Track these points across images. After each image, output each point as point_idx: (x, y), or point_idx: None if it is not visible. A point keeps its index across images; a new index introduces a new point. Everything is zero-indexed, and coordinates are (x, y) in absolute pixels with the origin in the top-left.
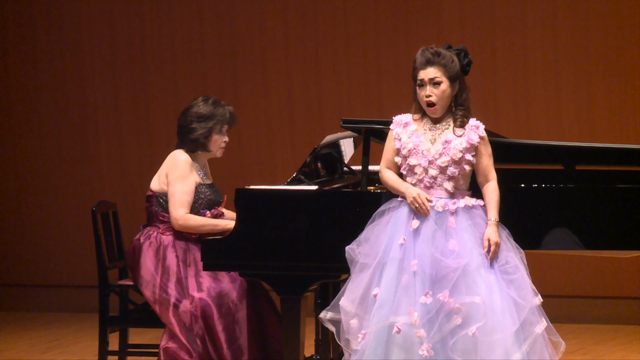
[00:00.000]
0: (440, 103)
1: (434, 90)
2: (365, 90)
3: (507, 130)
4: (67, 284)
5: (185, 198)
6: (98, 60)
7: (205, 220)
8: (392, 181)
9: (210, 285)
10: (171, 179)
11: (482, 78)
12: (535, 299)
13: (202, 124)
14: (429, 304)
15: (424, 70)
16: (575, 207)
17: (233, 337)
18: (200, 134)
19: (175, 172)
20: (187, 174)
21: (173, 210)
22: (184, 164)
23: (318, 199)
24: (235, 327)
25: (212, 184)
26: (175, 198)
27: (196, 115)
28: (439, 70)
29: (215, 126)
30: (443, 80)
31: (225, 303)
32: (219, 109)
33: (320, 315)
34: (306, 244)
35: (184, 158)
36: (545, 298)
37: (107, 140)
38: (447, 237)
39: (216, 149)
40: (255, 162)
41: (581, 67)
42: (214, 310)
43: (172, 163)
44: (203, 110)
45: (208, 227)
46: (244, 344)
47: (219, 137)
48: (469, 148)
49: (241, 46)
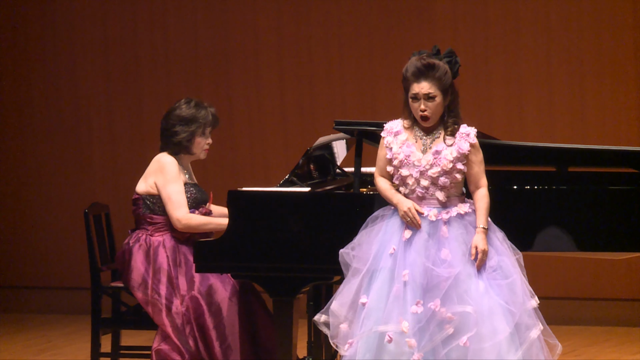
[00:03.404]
0: (435, 115)
1: (429, 104)
2: (359, 92)
3: (500, 132)
4: (60, 286)
5: (183, 198)
6: (91, 62)
7: (206, 219)
8: (386, 191)
9: (201, 283)
10: (163, 182)
11: (475, 79)
12: (532, 301)
13: (185, 127)
14: (420, 313)
15: (417, 84)
16: (568, 209)
17: (224, 335)
18: (183, 137)
19: (166, 175)
20: (177, 175)
21: (174, 211)
22: (172, 165)
23: (311, 201)
24: (226, 325)
25: (196, 184)
26: (173, 200)
27: (178, 118)
28: (433, 84)
29: (197, 129)
30: (437, 94)
31: (215, 301)
32: (202, 112)
33: (315, 318)
34: (299, 246)
35: (171, 160)
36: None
37: (100, 142)
38: (439, 246)
39: (199, 151)
40: (248, 163)
41: (574, 69)
42: (205, 307)
43: (160, 167)
44: (185, 113)
45: (211, 226)
46: (235, 342)
47: (202, 139)
48: (459, 157)
49: (234, 48)
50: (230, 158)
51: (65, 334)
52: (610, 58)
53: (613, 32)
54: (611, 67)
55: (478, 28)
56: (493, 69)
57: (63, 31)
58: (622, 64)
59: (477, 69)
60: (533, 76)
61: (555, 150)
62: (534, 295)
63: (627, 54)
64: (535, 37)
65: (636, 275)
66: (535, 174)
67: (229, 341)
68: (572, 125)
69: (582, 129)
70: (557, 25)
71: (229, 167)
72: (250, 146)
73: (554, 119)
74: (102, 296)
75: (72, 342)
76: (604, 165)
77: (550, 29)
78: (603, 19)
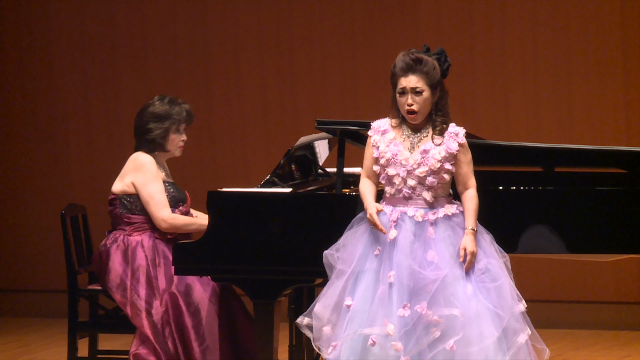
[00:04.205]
0: (422, 111)
1: (416, 98)
2: (341, 90)
3: (485, 132)
4: (36, 289)
5: (164, 197)
6: (68, 60)
7: (191, 220)
8: (361, 194)
9: (180, 282)
10: (143, 182)
11: (460, 78)
12: (519, 305)
13: (159, 124)
14: (407, 316)
15: (405, 78)
16: (555, 210)
17: (203, 336)
18: (157, 134)
19: (145, 173)
20: (156, 174)
21: (157, 211)
22: (151, 164)
23: (292, 201)
24: (205, 326)
25: (173, 182)
26: (155, 200)
27: (152, 115)
28: (420, 78)
29: (171, 126)
30: (425, 89)
31: (193, 300)
32: (175, 108)
33: (297, 321)
34: (280, 248)
35: (149, 159)
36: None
37: (76, 141)
38: (425, 247)
39: (174, 148)
40: (229, 164)
41: (561, 67)
42: (183, 307)
43: (138, 166)
44: (159, 109)
45: (194, 226)
46: (214, 343)
47: (176, 136)
48: (447, 157)
49: (214, 46)
50: (209, 158)
51: (41, 338)
52: (597, 56)
53: (600, 30)
54: (598, 66)
55: (463, 26)
56: (478, 67)
57: (39, 28)
58: (609, 62)
59: (462, 68)
60: (519, 75)
61: (541, 150)
62: (522, 299)
63: (614, 52)
64: (522, 35)
65: (624, 277)
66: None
67: (207, 342)
68: (558, 125)
69: (569, 128)
70: (544, 22)
71: (209, 167)
72: (231, 146)
73: (540, 118)
74: (79, 299)
75: (48, 346)
76: (591, 166)
77: (536, 26)
78: (590, 17)
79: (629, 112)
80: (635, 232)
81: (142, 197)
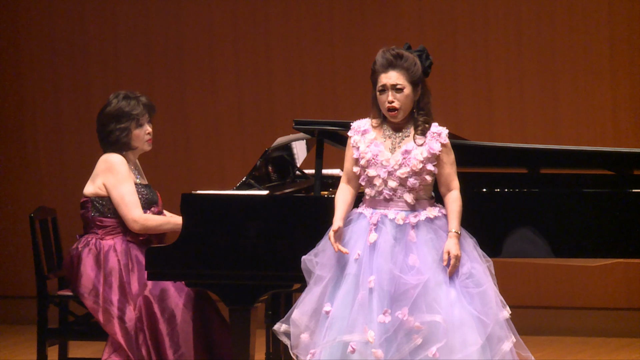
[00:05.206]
0: (403, 108)
1: (397, 95)
2: (319, 90)
3: (469, 132)
4: (4, 295)
5: (136, 198)
6: (37, 59)
7: (164, 219)
8: (335, 201)
9: (154, 287)
10: (114, 183)
11: (442, 77)
12: (503, 312)
13: (117, 124)
14: (388, 322)
15: (385, 74)
16: (540, 213)
17: (177, 343)
18: (119, 135)
19: (116, 174)
20: (128, 175)
21: (128, 212)
22: (122, 164)
23: (269, 204)
24: (180, 333)
25: (147, 184)
26: (126, 200)
27: (109, 116)
28: (401, 74)
29: (131, 122)
30: (406, 85)
31: (168, 306)
32: (130, 103)
33: (274, 328)
34: (256, 252)
35: (119, 159)
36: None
37: (46, 143)
38: (407, 251)
39: (141, 143)
40: (203, 165)
41: (546, 66)
42: (158, 313)
43: (109, 167)
44: (114, 108)
45: (169, 226)
46: (189, 350)
47: (139, 131)
48: (430, 158)
49: (188, 44)
50: (183, 159)
51: (9, 345)
52: (584, 55)
53: (587, 28)
54: (585, 65)
55: (445, 23)
56: (461, 66)
57: (7, 26)
58: (596, 61)
59: (444, 66)
60: (503, 74)
61: (526, 151)
62: (506, 306)
63: (601, 50)
64: (506, 32)
65: (612, 283)
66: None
67: (182, 349)
68: (544, 125)
69: (554, 128)
70: (529, 20)
71: (183, 168)
72: (205, 146)
73: (525, 118)
74: (48, 305)
75: (17, 353)
76: (577, 167)
77: (521, 24)
78: (577, 14)
79: (616, 112)
80: (623, 235)
81: (113, 199)
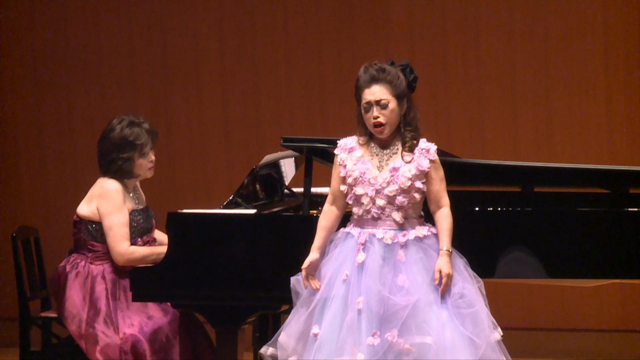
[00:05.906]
0: (389, 123)
1: (382, 111)
2: (308, 106)
3: (460, 149)
4: None
5: (125, 230)
6: (19, 73)
7: (149, 251)
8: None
9: (142, 321)
10: (106, 211)
11: (433, 92)
12: (495, 333)
13: (121, 154)
14: (377, 345)
15: (369, 89)
16: (534, 232)
17: None
18: (122, 165)
19: (109, 203)
20: (121, 204)
21: (115, 245)
22: (116, 193)
23: (256, 223)
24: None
25: (145, 208)
26: (114, 232)
27: (112, 144)
28: (384, 89)
29: (135, 152)
30: (390, 100)
31: (158, 339)
32: (135, 131)
33: (261, 351)
34: (243, 272)
35: (115, 187)
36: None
37: (27, 160)
38: (395, 272)
39: (143, 172)
40: (189, 183)
41: (540, 82)
42: (147, 347)
43: (104, 194)
44: (118, 136)
45: (152, 257)
46: None
47: (143, 160)
48: (418, 175)
49: (173, 58)
50: (169, 177)
51: None
52: (578, 70)
53: (582, 42)
54: (580, 80)
55: (436, 36)
56: (452, 82)
57: None
58: (591, 76)
59: (435, 82)
60: (495, 89)
61: (519, 169)
62: (497, 327)
63: (596, 65)
64: (498, 46)
65: (606, 304)
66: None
67: None
68: (537, 142)
69: (548, 146)
70: (521, 34)
71: (168, 187)
72: (191, 164)
73: (518, 135)
74: (31, 327)
75: None
76: (572, 185)
77: (513, 38)
78: (571, 28)
79: (611, 128)
80: (618, 255)
81: (103, 226)
